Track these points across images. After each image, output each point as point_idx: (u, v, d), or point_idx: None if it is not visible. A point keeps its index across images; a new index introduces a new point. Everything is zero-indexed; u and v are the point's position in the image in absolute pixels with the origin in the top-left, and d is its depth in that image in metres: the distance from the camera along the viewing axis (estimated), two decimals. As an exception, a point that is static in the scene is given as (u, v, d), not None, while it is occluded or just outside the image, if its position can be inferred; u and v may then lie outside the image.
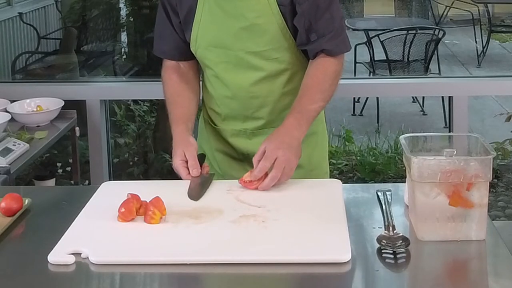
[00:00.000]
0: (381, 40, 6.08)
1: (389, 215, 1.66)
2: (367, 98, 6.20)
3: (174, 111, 2.09)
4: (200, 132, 2.26)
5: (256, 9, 2.00)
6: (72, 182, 3.52)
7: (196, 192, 1.83)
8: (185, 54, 2.16)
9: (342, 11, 2.08)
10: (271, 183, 1.83)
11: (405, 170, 1.68)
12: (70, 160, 3.78)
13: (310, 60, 2.07)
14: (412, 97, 6.39)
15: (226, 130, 2.14)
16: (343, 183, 1.90)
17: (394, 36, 6.17)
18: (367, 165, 5.02)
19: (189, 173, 1.91)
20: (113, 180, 3.43)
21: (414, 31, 6.14)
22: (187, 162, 1.93)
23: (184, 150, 1.94)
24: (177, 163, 1.94)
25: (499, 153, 4.77)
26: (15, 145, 2.70)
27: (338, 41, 2.04)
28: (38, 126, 3.03)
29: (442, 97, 5.39)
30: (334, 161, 4.99)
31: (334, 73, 2.04)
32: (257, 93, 2.07)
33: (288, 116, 1.97)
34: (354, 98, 6.28)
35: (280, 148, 1.87)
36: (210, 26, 2.04)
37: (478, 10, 8.14)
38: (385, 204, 1.74)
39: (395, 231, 1.59)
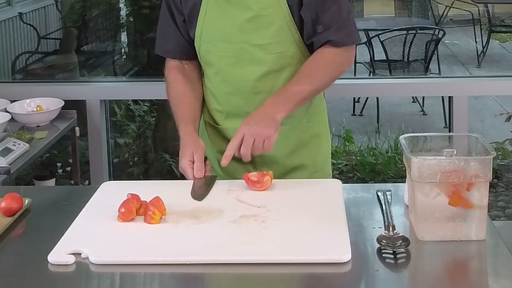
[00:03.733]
0: (381, 40, 6.08)
1: (389, 215, 1.66)
2: (367, 98, 6.19)
3: (181, 112, 2.09)
4: (200, 135, 2.27)
5: (262, 0, 2.01)
6: (72, 182, 3.52)
7: (200, 193, 1.83)
8: (187, 53, 2.16)
9: (349, 4, 2.09)
10: (246, 151, 1.88)
11: (405, 170, 1.69)
12: (70, 160, 3.78)
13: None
14: (412, 97, 6.39)
15: (229, 129, 2.14)
16: (343, 183, 1.90)
17: (394, 36, 6.17)
18: (367, 165, 5.02)
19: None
20: (113, 180, 3.43)
21: (414, 31, 6.14)
22: (194, 163, 1.94)
23: (193, 151, 1.96)
24: (185, 164, 1.94)
25: (499, 153, 4.77)
26: (15, 145, 2.70)
27: (344, 33, 2.04)
28: (38, 126, 3.03)
29: (442, 97, 5.39)
30: (334, 161, 4.98)
31: (332, 62, 2.05)
32: (260, 88, 2.07)
33: (269, 97, 2.00)
34: (354, 98, 6.28)
35: (247, 124, 1.92)
36: (215, 19, 2.05)
37: (478, 10, 8.14)
38: (385, 204, 1.74)
39: (395, 231, 1.59)
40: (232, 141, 1.92)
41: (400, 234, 1.57)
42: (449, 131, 3.62)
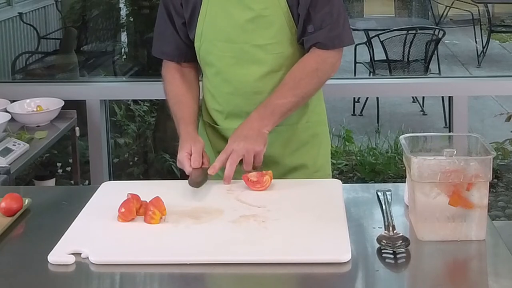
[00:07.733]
0: (381, 40, 6.08)
1: (389, 215, 1.66)
2: (367, 98, 6.19)
3: (180, 111, 2.09)
4: (199, 136, 2.27)
5: (263, 0, 2.01)
6: (72, 182, 3.52)
7: (198, 180, 1.85)
8: (185, 55, 2.17)
9: (343, 7, 2.09)
10: (229, 172, 1.89)
11: (405, 170, 1.69)
12: (70, 160, 3.78)
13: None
14: (412, 97, 6.39)
15: (229, 129, 2.14)
16: (343, 183, 1.90)
17: (394, 36, 6.17)
18: (367, 165, 5.02)
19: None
20: (113, 180, 3.43)
21: (414, 31, 6.14)
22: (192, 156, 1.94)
23: (191, 144, 1.96)
24: (183, 156, 1.95)
25: (499, 153, 4.77)
26: (15, 145, 2.70)
27: (333, 35, 2.04)
28: (38, 126, 3.03)
29: (442, 97, 5.39)
30: (334, 161, 4.98)
31: (316, 71, 2.05)
32: (260, 88, 2.08)
33: (253, 111, 2.01)
34: (354, 98, 6.27)
35: (236, 140, 1.94)
36: (216, 19, 2.05)
37: (478, 10, 8.14)
38: (385, 204, 1.74)
39: (395, 231, 1.59)
40: (221, 154, 1.94)
41: (400, 234, 1.57)
42: (449, 131, 3.62)
